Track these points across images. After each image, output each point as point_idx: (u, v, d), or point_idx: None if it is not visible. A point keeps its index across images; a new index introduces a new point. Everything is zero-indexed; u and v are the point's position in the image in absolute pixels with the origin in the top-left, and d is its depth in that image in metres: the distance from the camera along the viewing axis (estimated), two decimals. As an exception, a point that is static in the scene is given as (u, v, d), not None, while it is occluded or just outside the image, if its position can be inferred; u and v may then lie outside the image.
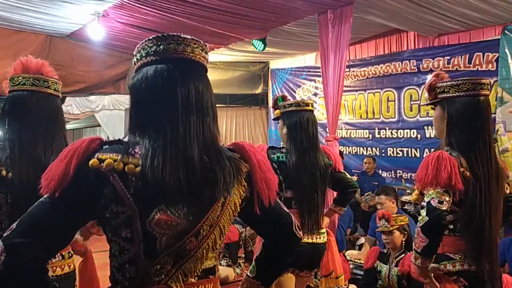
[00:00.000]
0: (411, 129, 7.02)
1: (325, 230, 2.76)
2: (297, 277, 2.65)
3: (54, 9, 5.83)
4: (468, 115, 1.89)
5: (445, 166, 1.78)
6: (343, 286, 3.75)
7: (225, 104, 9.56)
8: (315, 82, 8.55)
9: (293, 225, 1.34)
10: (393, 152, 7.29)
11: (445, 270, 1.88)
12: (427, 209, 1.84)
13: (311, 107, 2.79)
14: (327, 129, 5.40)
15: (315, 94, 8.61)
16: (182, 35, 1.18)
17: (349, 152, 7.97)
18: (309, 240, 2.55)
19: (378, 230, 3.73)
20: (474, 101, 1.90)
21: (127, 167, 1.06)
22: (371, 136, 7.64)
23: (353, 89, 7.84)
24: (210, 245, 1.15)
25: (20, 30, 6.94)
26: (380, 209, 4.33)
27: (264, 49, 6.89)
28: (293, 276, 2.63)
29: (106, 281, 1.18)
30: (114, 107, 7.99)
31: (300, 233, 1.36)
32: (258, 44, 6.78)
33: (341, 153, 6.40)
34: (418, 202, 1.99)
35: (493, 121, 5.79)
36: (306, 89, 8.85)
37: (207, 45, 1.24)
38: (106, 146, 1.11)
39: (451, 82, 1.96)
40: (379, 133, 7.52)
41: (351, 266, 4.10)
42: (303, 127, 2.66)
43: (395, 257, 3.49)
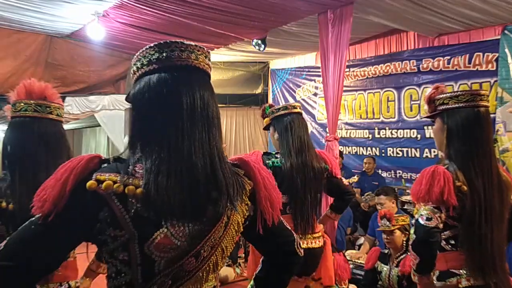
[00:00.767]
0: (411, 129, 7.02)
1: (320, 234, 2.72)
2: (293, 281, 2.58)
3: (54, 9, 5.83)
4: (467, 126, 1.88)
5: (438, 180, 1.76)
6: (343, 286, 3.75)
7: (225, 104, 9.56)
8: (315, 82, 8.55)
9: (296, 244, 1.30)
10: (393, 152, 7.29)
11: (452, 286, 1.85)
12: (415, 227, 1.85)
13: (299, 109, 2.78)
14: (327, 129, 5.39)
15: (315, 94, 8.62)
16: (185, 42, 1.12)
17: (349, 152, 7.97)
18: (304, 246, 2.36)
19: (379, 229, 3.73)
20: (473, 112, 1.88)
21: (127, 188, 1.01)
22: (371, 136, 7.64)
23: (353, 89, 7.84)
24: (211, 267, 1.10)
25: (20, 30, 6.95)
26: (380, 209, 4.34)
27: (264, 49, 6.89)
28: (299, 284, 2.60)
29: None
30: (114, 107, 7.97)
31: (301, 251, 1.33)
32: (258, 44, 6.78)
33: (341, 153, 6.41)
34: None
35: (493, 121, 5.86)
36: (306, 89, 8.85)
37: (209, 52, 1.19)
38: (105, 165, 1.06)
39: (450, 93, 1.94)
40: (379, 133, 7.52)
41: (351, 266, 4.10)
42: (294, 129, 2.65)
43: (396, 257, 3.49)
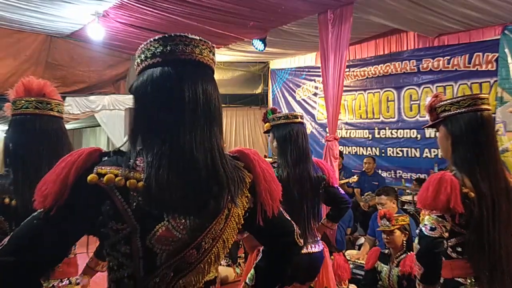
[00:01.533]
0: (411, 129, 7.02)
1: (319, 239, 2.72)
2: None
3: (54, 9, 5.83)
4: (471, 131, 1.85)
5: (445, 188, 1.73)
6: (343, 286, 3.75)
7: (225, 104, 9.55)
8: (315, 82, 8.55)
9: (295, 234, 1.31)
10: (393, 152, 7.29)
11: None
12: (419, 237, 1.84)
13: (300, 119, 2.75)
14: (327, 129, 5.40)
15: (315, 94, 8.62)
16: (190, 36, 1.11)
17: (349, 152, 7.97)
18: (304, 251, 2.48)
19: (379, 229, 3.73)
20: (476, 116, 1.86)
21: (128, 182, 1.01)
22: (371, 136, 7.64)
23: (353, 89, 7.84)
24: (213, 258, 1.11)
25: (20, 30, 6.95)
26: (380, 209, 4.33)
27: (264, 49, 6.89)
28: None
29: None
30: (114, 107, 7.97)
31: (301, 241, 1.33)
32: (258, 44, 6.78)
33: (341, 153, 6.41)
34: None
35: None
36: (306, 89, 8.85)
37: (214, 46, 1.17)
38: (105, 158, 1.05)
39: (451, 100, 1.93)
40: (379, 133, 7.52)
41: (351, 266, 4.10)
42: (293, 140, 2.63)
43: (396, 257, 3.49)
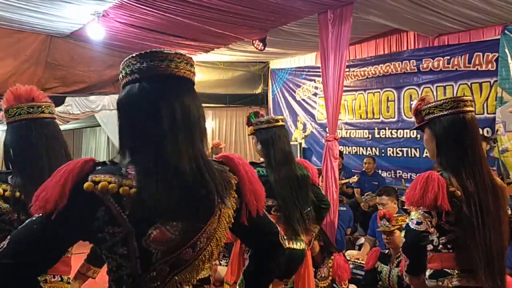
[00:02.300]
0: (411, 129, 7.01)
1: (303, 239, 2.75)
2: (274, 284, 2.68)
3: (54, 9, 5.82)
4: (455, 132, 1.92)
5: (432, 186, 1.80)
6: (343, 287, 3.75)
7: (225, 104, 9.55)
8: (315, 82, 8.55)
9: (279, 235, 1.37)
10: (393, 152, 7.29)
11: (443, 286, 1.89)
12: (406, 231, 1.93)
13: (281, 122, 2.87)
14: (327, 129, 5.39)
15: (315, 94, 8.61)
16: (165, 51, 1.16)
17: (349, 152, 7.97)
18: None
19: (379, 230, 3.73)
20: (459, 118, 1.93)
21: (121, 189, 1.07)
22: (371, 136, 7.63)
23: (353, 89, 7.84)
24: (207, 256, 1.18)
25: (20, 30, 6.94)
26: (381, 209, 4.33)
27: (264, 49, 6.89)
28: None
29: None
30: (114, 107, 7.96)
31: (285, 243, 1.39)
32: (258, 44, 6.78)
33: (341, 153, 6.41)
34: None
35: (492, 121, 5.85)
36: (306, 89, 8.85)
37: (192, 57, 1.22)
38: (99, 167, 1.12)
39: (435, 103, 1.99)
40: (379, 133, 7.52)
41: (351, 266, 4.10)
42: (275, 143, 2.74)
43: (396, 257, 3.49)
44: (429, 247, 1.93)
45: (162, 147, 1.11)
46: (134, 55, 1.19)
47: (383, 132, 7.45)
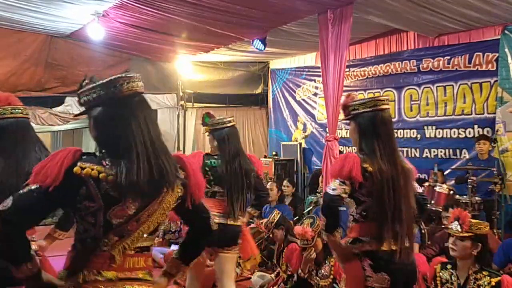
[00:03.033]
0: (411, 129, 7.02)
1: (242, 219, 3.37)
2: (221, 257, 3.28)
3: (55, 9, 5.83)
4: (373, 126, 2.31)
5: (348, 162, 2.21)
6: (342, 285, 3.76)
7: (225, 104, 9.54)
8: (315, 82, 8.54)
9: (210, 219, 1.80)
10: (393, 152, 7.28)
11: (355, 251, 2.26)
12: (324, 195, 2.40)
13: (233, 122, 3.46)
14: (327, 129, 5.39)
15: (315, 94, 8.61)
16: (123, 76, 1.58)
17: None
18: (221, 221, 3.16)
19: None
20: (377, 114, 2.34)
21: (101, 175, 1.45)
22: (371, 136, 7.62)
23: (353, 89, 7.81)
24: (146, 228, 1.57)
25: (20, 30, 6.94)
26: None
27: (264, 49, 6.89)
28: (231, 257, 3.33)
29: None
30: (114, 107, 8.00)
31: (214, 226, 1.81)
32: (258, 44, 6.78)
33: (341, 153, 6.40)
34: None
35: (493, 121, 5.85)
36: (306, 89, 8.85)
37: (138, 76, 1.62)
38: (85, 157, 1.50)
39: (359, 101, 2.40)
40: (379, 133, 7.51)
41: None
42: (230, 140, 3.32)
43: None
44: (350, 218, 2.37)
45: (130, 149, 1.49)
46: (96, 84, 1.63)
47: (383, 132, 7.44)
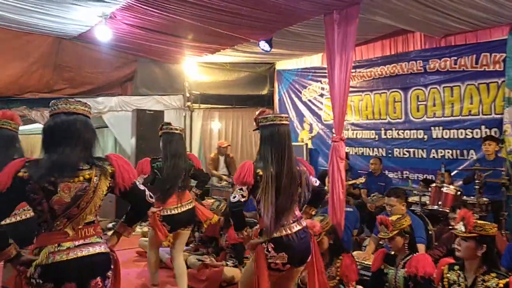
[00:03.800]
0: (417, 129, 7.00)
1: (190, 200, 4.19)
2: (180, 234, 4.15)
3: (63, 11, 5.87)
4: (270, 137, 2.85)
5: (243, 170, 2.76)
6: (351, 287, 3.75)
7: (231, 106, 9.57)
8: (321, 83, 8.55)
9: (146, 196, 2.37)
10: (399, 153, 7.27)
11: (262, 240, 2.79)
12: (228, 203, 3.08)
13: (180, 131, 4.25)
14: (333, 130, 5.38)
15: (321, 95, 8.61)
16: (70, 101, 2.23)
17: (356, 153, 7.96)
18: (173, 211, 4.04)
19: (379, 236, 3.72)
20: (274, 128, 2.87)
21: (24, 174, 2.05)
22: (377, 136, 7.62)
23: (359, 89, 7.83)
24: (88, 211, 2.16)
25: (29, 32, 7.00)
26: (389, 210, 4.31)
27: (270, 50, 6.90)
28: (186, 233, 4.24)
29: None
30: (121, 108, 8.02)
31: (151, 200, 2.40)
32: (264, 45, 6.79)
33: (347, 154, 6.39)
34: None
35: (500, 121, 5.81)
36: (312, 89, 8.85)
37: (86, 103, 2.32)
38: (28, 163, 2.08)
39: (264, 116, 2.96)
40: (385, 133, 7.50)
41: (358, 267, 4.09)
42: (172, 145, 4.11)
43: (402, 259, 3.47)
44: (257, 215, 2.86)
45: (64, 151, 2.11)
46: (56, 101, 2.21)
47: (390, 132, 7.43)
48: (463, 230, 2.80)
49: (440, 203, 5.15)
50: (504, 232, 4.92)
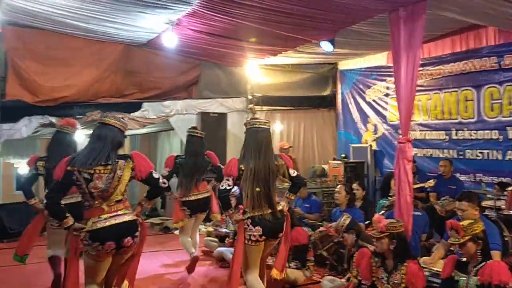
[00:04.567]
0: (491, 129, 6.61)
1: (207, 191, 5.20)
2: (198, 216, 5.22)
3: (131, 19, 6.18)
4: (250, 138, 3.61)
5: (230, 164, 3.55)
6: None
7: (294, 107, 9.56)
8: (386, 82, 8.32)
9: (160, 181, 3.24)
10: (471, 155, 6.91)
11: (245, 218, 3.51)
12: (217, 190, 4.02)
13: (200, 134, 5.21)
14: (399, 131, 5.22)
15: (387, 95, 8.38)
16: (108, 115, 3.28)
17: (424, 155, 7.66)
18: (192, 198, 5.02)
19: (449, 242, 3.55)
20: (254, 131, 3.60)
21: (80, 168, 2.96)
22: (447, 137, 7.29)
23: (427, 88, 7.53)
24: (116, 193, 3.04)
25: (101, 40, 7.45)
26: (460, 215, 4.10)
27: (333, 50, 6.82)
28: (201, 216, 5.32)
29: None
30: (187, 111, 8.28)
31: (164, 185, 3.30)
32: (326, 45, 6.72)
33: (414, 156, 6.15)
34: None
35: None
36: (376, 89, 8.64)
37: (120, 118, 3.33)
38: (73, 159, 2.97)
39: (248, 121, 3.72)
40: (456, 134, 7.16)
41: (426, 274, 3.92)
42: (192, 145, 5.12)
43: (474, 266, 3.30)
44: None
45: (100, 150, 3.02)
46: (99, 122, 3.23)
47: (461, 133, 7.08)
48: None
49: (517, 208, 4.84)
50: None
